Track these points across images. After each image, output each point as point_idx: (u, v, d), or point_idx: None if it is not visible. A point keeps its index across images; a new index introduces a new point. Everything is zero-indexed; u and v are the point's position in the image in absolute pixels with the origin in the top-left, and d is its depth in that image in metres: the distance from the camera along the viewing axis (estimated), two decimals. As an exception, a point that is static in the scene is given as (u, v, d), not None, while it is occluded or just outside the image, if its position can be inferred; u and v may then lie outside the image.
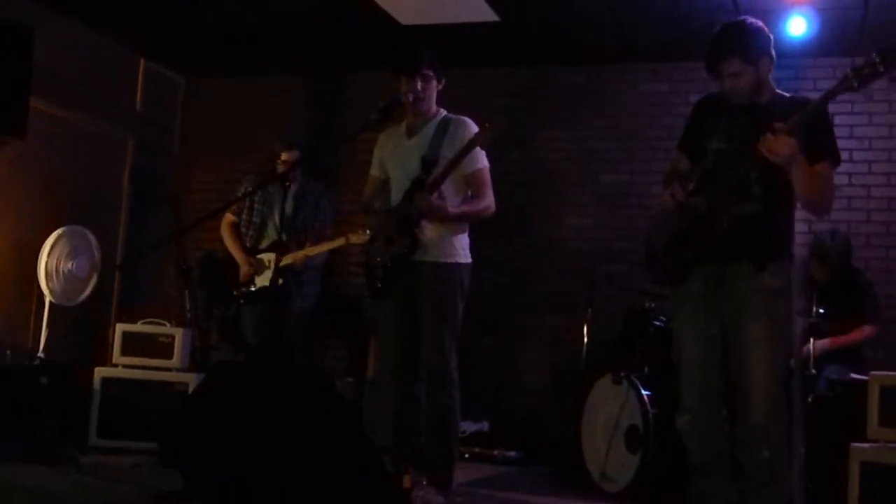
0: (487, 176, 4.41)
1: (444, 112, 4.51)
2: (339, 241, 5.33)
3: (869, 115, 6.24)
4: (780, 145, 3.17)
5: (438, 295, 4.30)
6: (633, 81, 6.71)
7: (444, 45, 6.45)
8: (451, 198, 4.31)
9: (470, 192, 4.41)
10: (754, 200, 3.42)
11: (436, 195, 4.20)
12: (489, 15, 5.94)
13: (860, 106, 6.23)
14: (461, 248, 4.38)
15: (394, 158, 4.51)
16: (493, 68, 6.98)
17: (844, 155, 6.11)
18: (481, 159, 4.39)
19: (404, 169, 4.41)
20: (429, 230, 4.27)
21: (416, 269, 4.29)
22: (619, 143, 6.64)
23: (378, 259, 4.39)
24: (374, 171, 4.62)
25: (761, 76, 3.48)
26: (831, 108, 6.24)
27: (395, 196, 4.45)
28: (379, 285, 4.39)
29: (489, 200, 4.40)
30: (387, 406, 4.48)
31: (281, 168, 5.52)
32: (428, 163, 4.29)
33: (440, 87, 4.48)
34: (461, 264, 4.36)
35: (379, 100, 4.35)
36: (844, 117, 6.20)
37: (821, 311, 5.22)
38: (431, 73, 4.41)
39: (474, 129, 4.33)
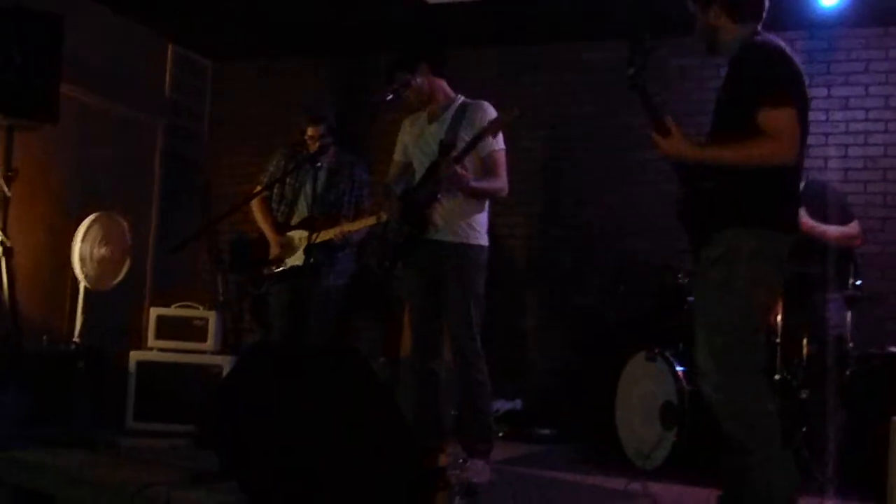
0: (503, 158, 4.53)
1: (461, 98, 4.64)
2: (371, 220, 5.22)
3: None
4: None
5: (461, 275, 4.40)
6: (663, 56, 6.64)
7: (469, 22, 6.49)
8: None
9: (486, 173, 4.49)
10: (708, 177, 3.30)
11: (460, 166, 4.30)
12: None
13: (895, 76, 6.13)
14: (479, 228, 4.50)
15: (416, 143, 4.66)
16: (523, 45, 6.93)
17: (879, 126, 6.12)
18: (498, 141, 4.50)
19: (425, 154, 4.56)
20: (444, 210, 4.39)
21: (437, 249, 4.41)
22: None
23: (390, 237, 4.54)
24: (397, 156, 4.79)
25: None
26: (866, 77, 6.19)
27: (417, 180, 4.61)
28: (387, 264, 4.54)
29: (503, 182, 4.52)
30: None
31: (308, 143, 5.42)
32: (446, 146, 4.41)
33: (437, 74, 4.60)
34: (481, 245, 4.49)
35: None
36: (879, 88, 6.12)
37: (857, 283, 5.16)
38: (411, 75, 4.54)
39: (492, 111, 4.48)
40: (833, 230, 4.97)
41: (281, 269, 5.39)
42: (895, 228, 5.97)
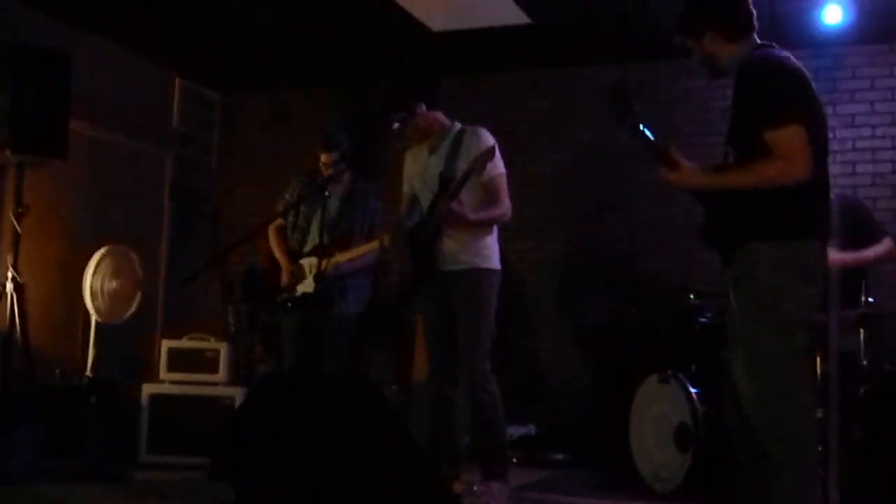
0: (504, 182, 4.59)
1: (458, 125, 4.70)
2: (373, 245, 5.19)
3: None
4: None
5: (471, 300, 4.49)
6: (670, 77, 6.66)
7: (475, 49, 6.52)
8: (470, 204, 4.46)
9: (488, 199, 4.55)
10: (726, 197, 3.28)
11: (455, 202, 4.35)
12: (520, 17, 5.92)
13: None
14: (489, 253, 4.56)
15: (419, 176, 4.73)
16: (527, 70, 6.96)
17: (886, 142, 6.11)
18: (498, 166, 4.55)
19: (428, 187, 4.64)
20: (452, 239, 4.47)
21: (447, 278, 4.50)
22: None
23: (405, 272, 4.67)
24: (406, 188, 4.86)
25: None
26: (871, 94, 6.18)
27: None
28: (403, 298, 4.78)
29: (505, 206, 4.56)
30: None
31: (322, 169, 5.40)
32: (445, 180, 4.48)
33: (430, 109, 4.65)
34: (491, 269, 4.55)
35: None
36: (885, 104, 6.14)
37: (870, 299, 5.12)
38: (404, 113, 4.59)
39: (486, 138, 4.56)
40: (870, 253, 4.88)
41: (292, 296, 5.38)
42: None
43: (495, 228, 4.62)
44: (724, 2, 3.39)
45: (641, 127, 3.32)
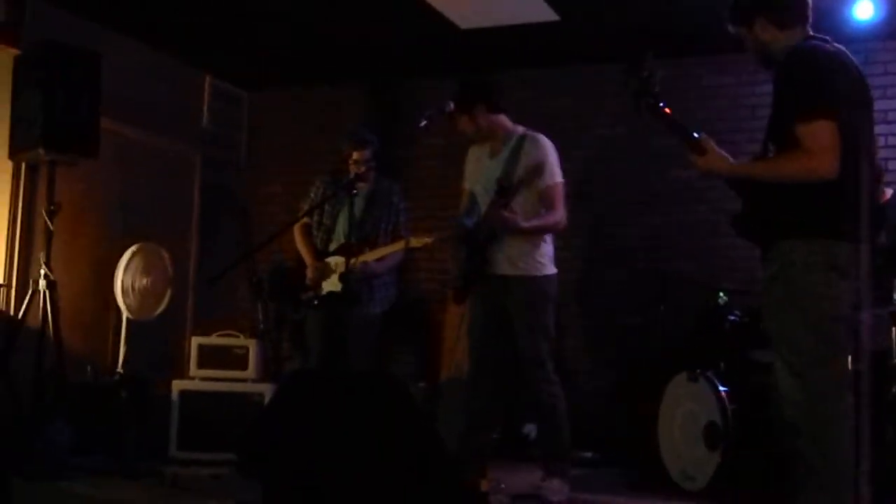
0: (560, 191, 4.68)
1: (520, 129, 4.76)
2: (399, 245, 5.22)
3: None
4: None
5: (529, 307, 4.60)
6: (697, 75, 6.62)
7: (504, 46, 6.51)
8: (526, 211, 4.55)
9: (543, 207, 4.64)
10: (762, 191, 3.23)
11: (507, 210, 4.46)
12: (549, 14, 5.91)
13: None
14: (545, 260, 4.67)
15: (477, 176, 4.83)
16: (556, 67, 6.94)
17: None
18: (555, 175, 4.65)
19: (485, 189, 4.71)
20: (511, 246, 4.57)
21: (502, 283, 4.60)
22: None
23: (458, 271, 4.75)
24: (466, 184, 4.94)
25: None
26: None
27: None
28: (460, 284, 4.74)
29: (559, 215, 4.66)
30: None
31: (353, 167, 5.34)
32: (503, 187, 4.53)
33: (496, 111, 4.72)
34: (547, 276, 4.66)
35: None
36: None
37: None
38: (464, 109, 4.66)
39: (543, 147, 4.64)
40: None
41: (318, 294, 5.40)
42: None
43: (550, 236, 4.72)
44: None
45: (661, 105, 3.28)
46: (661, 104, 3.30)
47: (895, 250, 4.73)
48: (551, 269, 4.70)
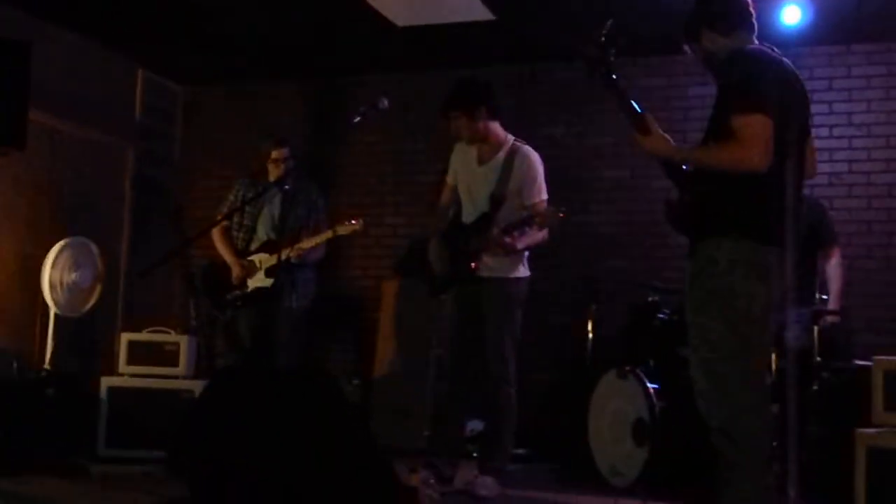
0: (545, 207, 4.76)
1: (511, 140, 4.86)
2: (328, 234, 5.33)
3: (867, 102, 6.20)
4: None
5: (502, 309, 4.75)
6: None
7: (439, 45, 6.53)
8: (507, 219, 4.69)
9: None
10: (697, 184, 3.30)
11: (509, 237, 4.60)
12: (484, 14, 5.94)
13: (858, 93, 6.21)
14: (519, 263, 4.81)
15: (464, 179, 4.90)
16: (490, 66, 6.96)
17: (843, 143, 6.18)
18: (542, 192, 4.80)
19: (473, 198, 4.82)
20: (490, 261, 4.71)
21: (481, 284, 4.72)
22: (618, 139, 6.59)
23: (438, 268, 4.88)
24: (450, 179, 5.02)
25: None
26: (829, 95, 6.25)
27: (466, 217, 4.87)
28: (435, 291, 4.92)
29: (546, 232, 4.78)
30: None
31: (272, 166, 5.51)
32: (496, 202, 4.69)
33: (493, 117, 4.84)
34: (521, 278, 4.82)
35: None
36: (842, 105, 6.20)
37: (823, 297, 5.22)
38: (465, 110, 4.75)
39: (535, 161, 4.78)
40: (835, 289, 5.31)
41: (244, 292, 5.44)
42: (861, 243, 6.04)
43: None
44: None
45: (615, 77, 3.33)
46: (615, 76, 3.33)
47: (809, 247, 4.92)
48: (524, 272, 4.84)
